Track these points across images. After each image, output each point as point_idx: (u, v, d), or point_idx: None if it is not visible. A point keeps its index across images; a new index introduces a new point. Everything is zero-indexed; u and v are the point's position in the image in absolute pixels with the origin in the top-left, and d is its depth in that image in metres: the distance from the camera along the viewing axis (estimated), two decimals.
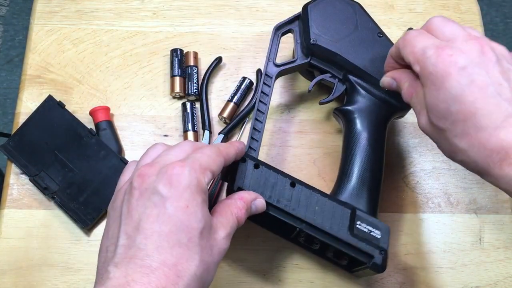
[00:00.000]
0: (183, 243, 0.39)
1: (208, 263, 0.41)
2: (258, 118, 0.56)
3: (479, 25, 0.72)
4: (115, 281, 0.37)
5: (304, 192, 0.51)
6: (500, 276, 0.59)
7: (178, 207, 0.40)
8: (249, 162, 0.51)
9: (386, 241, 0.51)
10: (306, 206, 0.51)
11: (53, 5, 0.70)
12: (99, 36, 0.69)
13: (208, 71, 0.66)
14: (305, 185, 0.52)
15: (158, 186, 0.41)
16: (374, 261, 0.50)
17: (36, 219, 0.59)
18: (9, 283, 0.56)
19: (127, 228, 0.40)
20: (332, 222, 0.51)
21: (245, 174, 0.51)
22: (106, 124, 0.62)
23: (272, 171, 0.52)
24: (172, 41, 0.69)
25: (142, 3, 0.71)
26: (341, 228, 0.51)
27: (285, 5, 0.72)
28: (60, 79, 0.66)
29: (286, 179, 0.52)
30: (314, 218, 0.51)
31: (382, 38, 0.58)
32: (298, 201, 0.51)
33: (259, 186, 0.51)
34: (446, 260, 0.59)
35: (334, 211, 0.51)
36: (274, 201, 0.51)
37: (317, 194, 0.52)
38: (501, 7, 1.76)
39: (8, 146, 0.61)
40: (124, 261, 0.38)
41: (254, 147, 0.55)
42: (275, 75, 0.59)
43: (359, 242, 0.50)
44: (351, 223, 0.51)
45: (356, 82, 0.58)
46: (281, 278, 0.58)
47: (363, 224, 0.51)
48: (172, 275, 0.38)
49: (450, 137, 0.43)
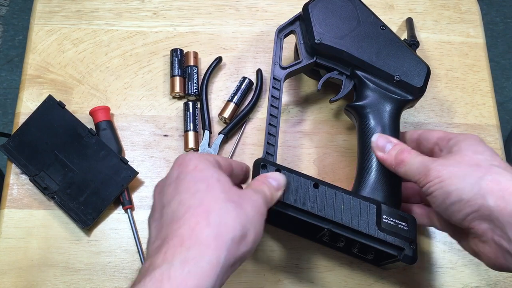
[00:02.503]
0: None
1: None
2: (271, 122, 0.56)
3: (479, 25, 0.72)
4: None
5: (329, 192, 0.51)
6: (500, 276, 0.59)
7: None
8: (270, 168, 0.51)
9: (414, 232, 0.51)
10: (332, 206, 0.51)
11: (53, 5, 0.70)
12: (99, 36, 0.69)
13: (208, 71, 0.66)
14: (328, 184, 0.52)
15: None
16: (405, 253, 0.50)
17: (36, 219, 0.59)
18: (9, 283, 0.56)
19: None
20: (360, 219, 0.51)
21: None
22: (106, 124, 0.62)
23: (294, 174, 0.52)
24: (172, 41, 0.69)
25: (142, 3, 0.71)
26: (369, 224, 0.51)
27: (285, 5, 0.72)
28: (60, 79, 0.66)
29: (309, 181, 0.52)
30: (341, 217, 0.51)
31: (385, 30, 0.58)
32: (323, 202, 0.51)
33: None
34: (446, 260, 0.59)
35: (360, 208, 0.51)
36: (300, 204, 0.50)
37: (341, 192, 0.52)
38: (501, 7, 1.76)
39: (8, 146, 0.61)
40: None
41: (271, 152, 0.55)
42: (283, 78, 0.59)
43: (388, 236, 0.50)
44: (377, 218, 0.51)
45: (364, 77, 0.58)
46: (281, 278, 0.58)
47: (389, 217, 0.51)
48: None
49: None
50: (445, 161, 0.48)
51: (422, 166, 0.48)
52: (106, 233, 0.59)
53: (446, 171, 0.46)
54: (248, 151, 0.64)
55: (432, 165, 0.47)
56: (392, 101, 0.57)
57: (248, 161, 0.63)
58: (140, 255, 0.58)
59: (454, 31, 0.72)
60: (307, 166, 0.63)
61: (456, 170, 0.46)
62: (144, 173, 0.62)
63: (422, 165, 0.49)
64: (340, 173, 0.62)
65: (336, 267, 0.58)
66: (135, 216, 0.60)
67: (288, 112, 0.66)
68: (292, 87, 0.67)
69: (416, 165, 0.49)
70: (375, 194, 0.53)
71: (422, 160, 0.49)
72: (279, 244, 0.59)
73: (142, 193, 0.61)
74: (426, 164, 0.48)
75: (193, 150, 0.63)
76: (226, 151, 0.64)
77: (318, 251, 0.59)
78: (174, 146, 0.63)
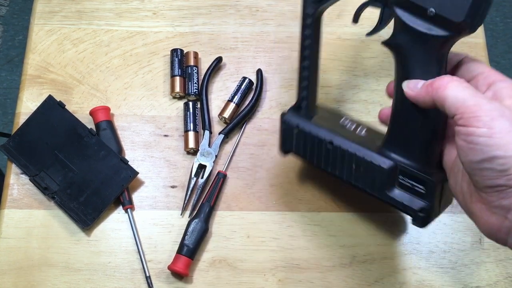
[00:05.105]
0: None
1: None
2: (303, 64, 0.53)
3: None
4: None
5: (341, 151, 0.52)
6: (500, 276, 0.59)
7: None
8: (289, 116, 0.54)
9: (430, 196, 0.48)
10: (343, 164, 0.52)
11: (53, 5, 0.70)
12: (99, 36, 0.69)
13: (208, 71, 0.66)
14: (346, 140, 0.52)
15: None
16: (414, 218, 0.49)
17: (36, 219, 0.59)
18: (9, 283, 0.56)
19: None
20: (373, 181, 0.50)
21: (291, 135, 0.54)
22: (106, 124, 0.62)
23: (314, 129, 0.53)
24: (172, 41, 0.69)
25: (142, 3, 0.71)
26: (382, 185, 0.49)
27: (285, 5, 0.72)
28: (60, 79, 0.66)
29: (325, 140, 0.53)
30: (354, 177, 0.51)
31: None
32: (335, 160, 0.52)
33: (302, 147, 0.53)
34: (446, 260, 0.59)
35: (373, 169, 0.50)
36: (314, 161, 0.52)
37: (355, 152, 0.51)
38: (501, 7, 1.76)
39: (8, 146, 0.61)
40: None
41: (304, 95, 0.55)
42: (315, 12, 0.52)
43: (400, 197, 0.49)
44: (391, 179, 0.49)
45: (398, 11, 0.47)
46: (281, 278, 0.58)
47: (406, 178, 0.48)
48: None
49: None
50: (501, 109, 0.38)
51: (473, 101, 0.39)
52: (106, 233, 0.59)
53: (500, 123, 0.37)
54: (248, 151, 0.64)
55: (486, 106, 0.38)
56: (429, 41, 0.46)
57: (248, 161, 0.63)
58: (140, 255, 0.58)
59: None
60: (307, 166, 0.63)
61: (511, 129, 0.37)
62: (144, 173, 0.62)
63: (472, 99, 0.39)
64: None
65: (336, 267, 0.58)
66: (135, 216, 0.60)
67: None
68: (292, 87, 0.67)
69: (463, 96, 0.39)
70: (401, 150, 0.49)
71: (474, 94, 0.39)
72: (279, 244, 0.59)
73: (142, 193, 0.61)
74: (478, 102, 0.38)
75: (193, 150, 0.63)
76: (226, 151, 0.64)
77: (318, 251, 0.59)
78: (174, 146, 0.63)
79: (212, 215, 0.60)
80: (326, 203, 0.61)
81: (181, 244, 0.57)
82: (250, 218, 0.60)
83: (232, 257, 0.58)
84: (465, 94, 0.39)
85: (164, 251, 0.58)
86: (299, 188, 0.62)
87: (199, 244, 0.58)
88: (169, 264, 0.57)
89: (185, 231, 0.58)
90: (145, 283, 0.57)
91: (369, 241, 0.60)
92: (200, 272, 0.58)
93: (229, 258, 0.58)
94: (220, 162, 0.63)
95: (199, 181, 0.61)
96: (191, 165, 0.62)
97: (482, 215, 0.41)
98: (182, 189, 0.61)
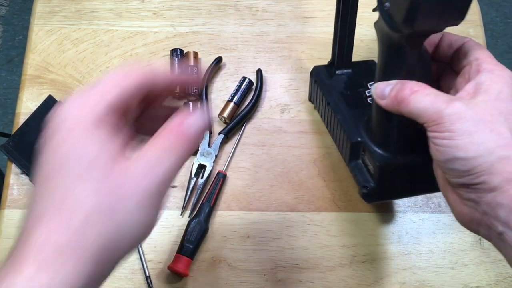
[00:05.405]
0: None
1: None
2: (338, 24, 0.56)
3: (479, 25, 0.72)
4: None
5: (333, 115, 0.57)
6: (500, 276, 0.59)
7: None
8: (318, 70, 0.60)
9: (376, 177, 0.52)
10: (334, 127, 0.58)
11: (53, 5, 0.70)
12: (99, 36, 0.69)
13: (208, 71, 0.66)
14: (339, 108, 0.57)
15: None
16: (359, 191, 0.53)
17: None
18: None
19: None
20: (345, 149, 0.55)
21: None
22: None
23: (324, 87, 0.59)
24: (172, 41, 0.69)
25: (142, 3, 0.71)
26: (347, 155, 0.55)
27: (285, 5, 0.72)
28: (60, 79, 0.66)
29: (327, 99, 0.58)
30: (338, 142, 0.58)
31: None
32: (330, 121, 0.59)
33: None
34: (446, 260, 0.59)
35: (345, 139, 0.55)
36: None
37: (341, 123, 0.56)
38: (501, 7, 1.76)
39: (8, 146, 0.61)
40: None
41: (336, 52, 0.58)
42: None
43: (355, 170, 0.54)
44: (354, 152, 0.54)
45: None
46: (281, 278, 0.58)
47: (366, 156, 0.53)
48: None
49: None
50: (462, 111, 0.39)
51: (433, 108, 0.40)
52: None
53: (460, 126, 0.39)
54: (248, 151, 0.64)
55: (445, 111, 0.39)
56: (388, 39, 0.45)
57: (248, 161, 0.63)
58: (140, 255, 0.58)
59: (454, 31, 0.71)
60: (308, 166, 0.63)
61: (474, 131, 0.38)
62: None
63: (432, 107, 0.40)
64: (341, 173, 0.62)
65: (336, 267, 0.58)
66: None
67: (288, 112, 0.66)
68: (292, 87, 0.67)
69: (425, 105, 0.41)
70: (368, 131, 0.53)
71: (433, 101, 0.41)
72: (279, 244, 0.59)
73: None
74: (438, 108, 0.40)
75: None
76: (226, 151, 0.64)
77: (318, 251, 0.59)
78: None
79: (212, 215, 0.60)
80: (326, 203, 0.61)
81: (181, 244, 0.57)
82: (250, 218, 0.60)
83: (232, 257, 0.58)
84: (426, 103, 0.41)
85: (164, 251, 0.58)
86: (299, 188, 0.62)
87: (199, 244, 0.58)
88: (169, 264, 0.57)
89: (185, 231, 0.58)
90: (145, 283, 0.57)
91: (369, 241, 0.60)
92: (200, 272, 0.58)
93: (229, 258, 0.58)
94: (220, 162, 0.63)
95: (199, 181, 0.61)
96: (191, 165, 0.62)
97: (456, 205, 0.42)
98: (182, 189, 0.61)
